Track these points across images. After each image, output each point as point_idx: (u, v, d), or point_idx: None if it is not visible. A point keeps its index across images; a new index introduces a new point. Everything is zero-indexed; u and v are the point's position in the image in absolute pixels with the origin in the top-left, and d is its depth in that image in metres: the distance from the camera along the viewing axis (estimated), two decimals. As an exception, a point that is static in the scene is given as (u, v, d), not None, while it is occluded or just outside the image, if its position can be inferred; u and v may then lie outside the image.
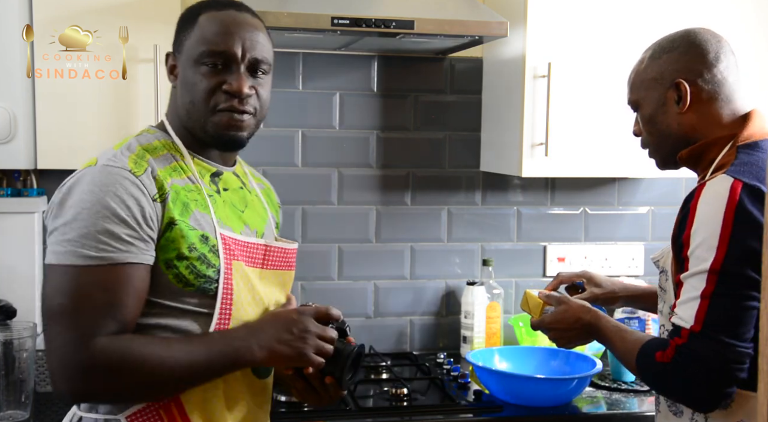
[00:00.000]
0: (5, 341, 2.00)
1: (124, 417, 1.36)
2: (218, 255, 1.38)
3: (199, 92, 1.40)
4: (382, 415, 2.11)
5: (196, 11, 1.45)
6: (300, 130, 2.61)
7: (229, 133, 1.42)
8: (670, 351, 1.46)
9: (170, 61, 1.47)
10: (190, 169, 1.43)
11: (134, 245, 1.30)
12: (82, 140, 2.08)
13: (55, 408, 2.07)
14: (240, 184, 1.54)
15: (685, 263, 1.49)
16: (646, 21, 2.36)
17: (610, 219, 2.83)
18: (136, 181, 1.33)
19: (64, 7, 2.07)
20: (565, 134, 2.36)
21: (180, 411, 1.37)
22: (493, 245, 2.76)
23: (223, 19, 1.42)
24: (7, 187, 2.30)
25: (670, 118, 1.62)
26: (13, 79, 2.05)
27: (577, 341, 1.78)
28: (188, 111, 1.42)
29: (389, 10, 2.16)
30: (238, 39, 1.40)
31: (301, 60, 2.59)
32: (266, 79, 1.47)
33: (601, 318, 1.71)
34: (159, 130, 1.48)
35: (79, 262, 1.28)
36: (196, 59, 1.40)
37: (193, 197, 1.40)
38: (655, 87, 1.63)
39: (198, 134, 1.44)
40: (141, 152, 1.39)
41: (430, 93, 2.70)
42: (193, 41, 1.41)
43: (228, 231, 1.43)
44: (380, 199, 2.68)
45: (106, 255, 1.28)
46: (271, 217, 1.62)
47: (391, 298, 2.70)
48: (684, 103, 1.59)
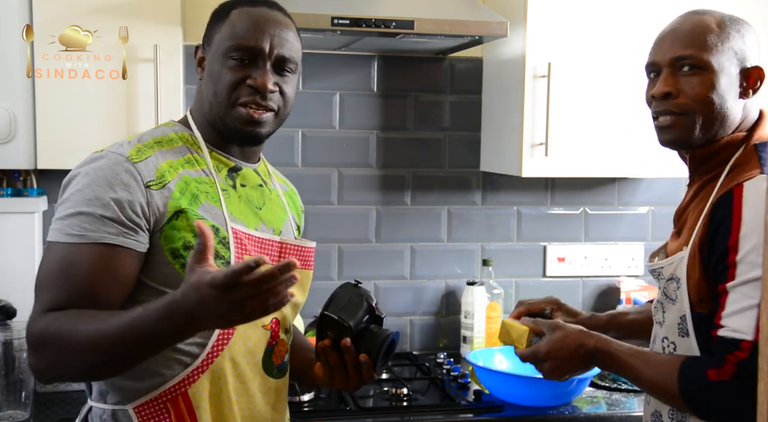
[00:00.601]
0: (5, 341, 2.01)
1: (131, 408, 1.37)
2: (229, 248, 1.39)
3: (223, 84, 1.40)
4: (382, 415, 2.11)
5: (229, 6, 1.47)
6: (300, 130, 2.61)
7: (247, 129, 1.42)
8: (729, 367, 1.32)
9: (199, 53, 1.48)
10: (206, 162, 1.44)
11: (114, 227, 1.31)
12: (82, 140, 2.08)
13: (55, 409, 2.07)
14: (260, 182, 1.54)
15: (730, 270, 1.36)
16: (646, 21, 2.36)
17: (610, 219, 2.83)
18: (131, 168, 1.34)
19: (64, 7, 2.07)
20: (565, 134, 2.36)
21: (187, 404, 1.38)
22: (493, 245, 2.76)
23: (254, 15, 1.42)
24: (7, 187, 2.30)
25: (730, 99, 1.48)
26: (13, 79, 2.05)
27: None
28: (211, 103, 1.43)
29: (389, 10, 2.16)
30: (267, 35, 1.41)
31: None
32: (292, 78, 1.47)
33: (611, 341, 1.54)
34: (179, 124, 1.49)
35: (62, 239, 1.31)
36: (224, 53, 1.41)
37: (205, 189, 1.40)
38: (732, 60, 1.48)
39: (218, 127, 1.45)
40: (151, 143, 1.41)
41: (430, 93, 2.70)
42: (223, 35, 1.42)
43: (240, 226, 1.43)
44: (380, 199, 2.68)
45: (83, 234, 1.30)
46: (291, 218, 1.62)
47: (391, 298, 2.70)
48: (749, 90, 1.49)
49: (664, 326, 1.54)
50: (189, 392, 1.37)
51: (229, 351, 1.40)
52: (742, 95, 1.50)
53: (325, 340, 1.43)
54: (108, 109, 2.12)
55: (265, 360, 1.47)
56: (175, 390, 1.37)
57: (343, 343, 1.41)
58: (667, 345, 1.54)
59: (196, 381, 1.38)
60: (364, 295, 1.47)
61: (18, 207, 2.25)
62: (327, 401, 2.18)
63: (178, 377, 1.37)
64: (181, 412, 1.37)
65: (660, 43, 1.55)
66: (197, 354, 1.38)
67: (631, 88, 2.37)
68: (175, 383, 1.37)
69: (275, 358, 1.49)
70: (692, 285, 1.46)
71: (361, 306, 1.45)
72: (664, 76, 1.52)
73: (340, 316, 1.42)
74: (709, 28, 1.49)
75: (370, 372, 1.44)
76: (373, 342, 1.43)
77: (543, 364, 1.58)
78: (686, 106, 1.48)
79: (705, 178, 1.53)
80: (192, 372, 1.37)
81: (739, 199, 1.38)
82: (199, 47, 1.49)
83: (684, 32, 1.51)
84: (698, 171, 1.55)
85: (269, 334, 1.47)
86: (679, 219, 1.59)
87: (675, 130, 1.51)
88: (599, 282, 2.83)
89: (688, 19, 1.53)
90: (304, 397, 2.15)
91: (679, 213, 1.60)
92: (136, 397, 1.37)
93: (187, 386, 1.38)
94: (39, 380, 1.38)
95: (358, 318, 1.44)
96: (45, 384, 1.43)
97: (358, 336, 1.43)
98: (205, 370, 1.38)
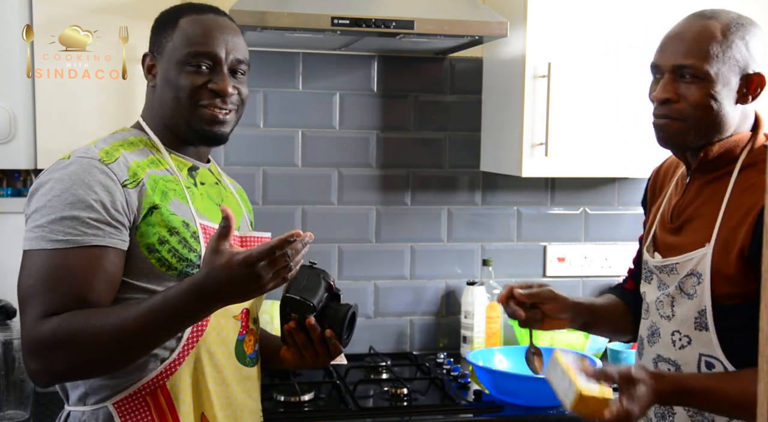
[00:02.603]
0: (5, 341, 2.01)
1: (111, 404, 1.39)
2: (199, 241, 1.43)
3: (184, 90, 1.46)
4: (382, 415, 2.11)
5: (174, 14, 1.52)
6: (300, 130, 2.61)
7: (213, 128, 1.49)
8: None
9: (148, 61, 1.53)
10: (168, 162, 1.48)
11: (101, 229, 1.34)
12: (82, 140, 2.06)
13: (55, 409, 2.06)
14: (215, 180, 1.60)
15: None
16: (646, 21, 2.36)
17: (610, 220, 2.83)
18: (106, 169, 1.38)
19: (64, 7, 2.07)
20: (565, 134, 2.36)
21: (166, 396, 1.40)
22: (493, 245, 2.76)
23: (206, 22, 1.49)
24: (7, 187, 2.30)
25: (728, 105, 1.50)
26: (13, 79, 2.05)
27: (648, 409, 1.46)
28: (171, 108, 1.48)
29: (389, 10, 2.16)
30: (221, 41, 1.47)
31: (301, 60, 2.59)
32: (244, 79, 1.54)
33: (683, 377, 1.48)
34: (134, 129, 1.54)
35: (48, 246, 1.33)
36: (182, 60, 1.47)
37: (172, 187, 1.45)
38: (734, 68, 1.49)
39: (181, 130, 1.50)
40: (116, 146, 1.45)
41: (430, 93, 2.69)
42: (176, 43, 1.48)
43: (206, 221, 1.47)
44: (380, 199, 2.68)
45: (72, 239, 1.32)
46: (245, 214, 1.67)
47: (391, 298, 2.70)
48: (749, 96, 1.51)
49: (674, 320, 1.55)
50: (168, 384, 1.40)
51: (205, 342, 1.44)
52: (741, 101, 1.52)
53: (291, 322, 1.50)
54: (108, 109, 2.12)
55: (238, 350, 1.51)
56: (154, 383, 1.40)
57: (308, 322, 1.49)
58: (679, 339, 1.55)
59: (174, 373, 1.41)
60: (321, 274, 1.54)
61: (18, 207, 2.25)
62: (327, 401, 2.18)
63: (156, 370, 1.40)
64: (161, 405, 1.40)
65: (664, 47, 1.56)
66: (173, 348, 1.40)
67: (631, 88, 2.37)
68: (153, 376, 1.40)
69: (246, 348, 1.53)
70: (718, 280, 1.47)
71: (320, 285, 1.53)
72: (664, 81, 1.53)
73: (302, 296, 1.50)
74: (712, 35, 1.50)
75: (337, 346, 1.51)
76: (335, 317, 1.51)
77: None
78: (684, 112, 1.51)
79: (711, 176, 1.56)
80: (170, 364, 1.40)
81: None
82: (147, 55, 1.53)
83: (687, 39, 1.52)
84: (703, 169, 1.57)
85: (240, 325, 1.51)
86: (680, 215, 1.60)
87: (671, 132, 1.54)
88: (599, 282, 2.83)
89: (694, 24, 1.54)
90: (304, 397, 2.15)
91: (680, 209, 1.60)
92: (116, 394, 1.39)
93: (165, 378, 1.40)
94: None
95: (320, 297, 1.52)
96: (44, 387, 1.43)
97: (321, 314, 1.51)
98: (182, 362, 1.41)
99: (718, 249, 1.48)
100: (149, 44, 1.54)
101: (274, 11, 2.06)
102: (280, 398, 2.13)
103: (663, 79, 1.54)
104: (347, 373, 2.38)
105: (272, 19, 2.05)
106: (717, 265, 1.48)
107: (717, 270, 1.48)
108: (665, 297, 1.58)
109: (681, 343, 1.54)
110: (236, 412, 1.49)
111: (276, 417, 2.06)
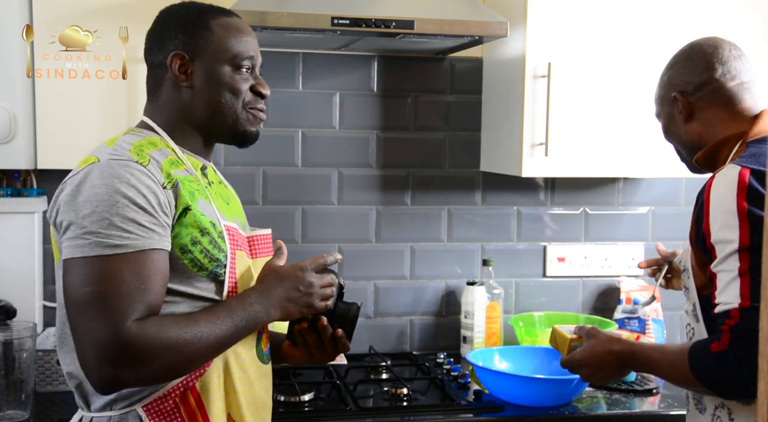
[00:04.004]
0: (5, 341, 2.00)
1: (140, 407, 1.38)
2: (225, 241, 1.44)
3: (235, 91, 1.50)
4: (382, 415, 2.11)
5: (198, 15, 1.50)
6: (300, 130, 2.61)
7: (254, 129, 1.55)
8: (725, 336, 1.43)
9: (178, 61, 1.48)
10: (184, 162, 1.47)
11: (156, 231, 1.33)
12: (82, 140, 2.07)
13: (55, 408, 2.07)
14: (219, 179, 1.61)
15: (712, 253, 1.49)
16: (646, 21, 2.36)
17: (610, 219, 2.83)
18: (145, 170, 1.36)
19: (64, 7, 2.07)
20: (565, 134, 2.35)
21: (196, 398, 1.40)
22: (493, 245, 2.76)
23: (240, 25, 1.53)
24: (7, 187, 2.30)
25: (680, 130, 1.70)
26: (13, 79, 2.05)
27: (612, 376, 1.73)
28: (216, 109, 1.50)
29: (389, 10, 2.16)
30: (254, 44, 1.54)
31: (301, 60, 2.59)
32: None
33: (634, 343, 1.69)
34: (143, 130, 1.51)
35: (106, 252, 1.29)
36: (230, 62, 1.49)
37: (195, 187, 1.44)
38: (663, 103, 1.72)
39: (219, 130, 1.52)
40: (137, 146, 1.42)
41: (430, 93, 2.69)
42: (220, 45, 1.49)
43: (225, 221, 1.48)
44: (380, 199, 2.68)
45: (130, 243, 1.30)
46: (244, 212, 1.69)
47: (391, 298, 2.70)
48: (684, 115, 1.67)
49: (687, 314, 1.69)
50: (197, 385, 1.40)
51: None
52: (687, 120, 1.68)
53: (303, 323, 1.54)
54: (108, 109, 2.12)
55: (258, 348, 1.52)
56: (184, 385, 1.39)
57: (320, 324, 1.53)
58: (689, 331, 1.68)
59: (203, 374, 1.40)
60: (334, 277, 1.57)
61: (18, 207, 2.25)
62: (327, 401, 2.18)
63: None
64: (191, 406, 1.39)
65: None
66: None
67: (631, 88, 2.37)
68: (183, 379, 1.39)
69: (263, 345, 1.55)
70: (695, 273, 1.61)
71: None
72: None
73: None
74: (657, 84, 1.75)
75: (346, 344, 1.56)
76: (345, 318, 1.55)
77: (579, 371, 1.73)
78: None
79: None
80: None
81: (709, 189, 1.51)
82: (178, 55, 1.47)
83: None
84: (712, 171, 1.65)
85: None
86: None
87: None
88: (599, 282, 2.83)
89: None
90: (304, 397, 2.15)
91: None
92: (145, 397, 1.38)
93: (195, 380, 1.40)
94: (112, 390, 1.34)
95: (333, 300, 1.54)
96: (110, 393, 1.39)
97: (330, 313, 1.54)
98: (212, 363, 1.41)
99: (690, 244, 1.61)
100: (173, 44, 1.47)
101: (274, 11, 2.06)
102: (280, 398, 2.13)
103: None
104: (347, 373, 2.38)
105: (272, 19, 2.05)
106: (691, 259, 1.62)
107: (692, 263, 1.62)
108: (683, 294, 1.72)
109: (690, 335, 1.66)
110: (259, 410, 1.52)
111: (276, 417, 2.04)
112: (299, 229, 2.62)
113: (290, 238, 2.58)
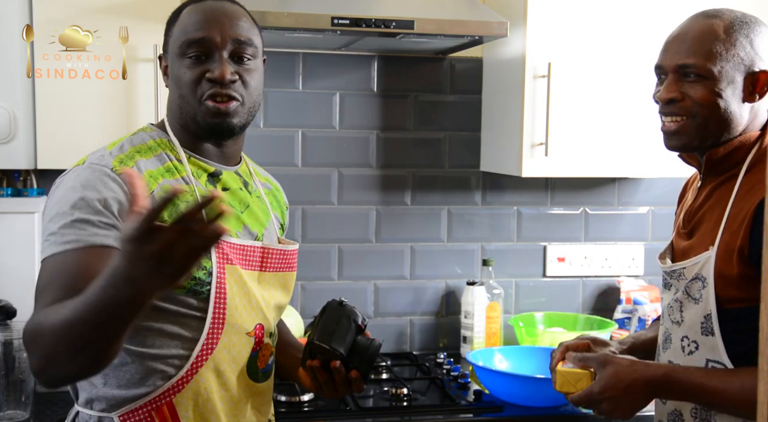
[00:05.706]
0: (5, 341, 2.00)
1: (116, 416, 1.37)
2: (210, 258, 1.38)
3: (185, 84, 1.40)
4: (382, 415, 2.11)
5: (178, 10, 1.47)
6: (300, 130, 2.61)
7: (217, 121, 1.40)
8: None
9: (163, 62, 1.49)
10: (185, 169, 1.43)
11: (110, 231, 1.29)
12: (82, 140, 2.08)
13: (55, 408, 2.07)
14: (241, 185, 1.52)
15: None
16: (646, 21, 2.36)
17: (610, 219, 2.83)
18: (117, 178, 1.33)
19: (64, 7, 2.07)
20: (565, 134, 2.36)
21: (172, 413, 1.38)
22: (493, 245, 2.76)
23: (202, 8, 1.42)
24: (7, 187, 2.30)
25: (735, 103, 1.49)
26: (13, 79, 2.05)
27: (640, 407, 1.48)
28: (180, 106, 1.43)
29: (389, 10, 2.16)
30: (216, 25, 1.39)
31: (301, 60, 2.59)
32: (253, 64, 1.43)
33: (669, 366, 1.50)
34: (157, 129, 1.48)
35: (58, 249, 1.28)
36: (179, 53, 1.41)
37: (184, 198, 1.37)
38: (738, 66, 1.49)
39: (191, 128, 1.44)
40: (131, 153, 1.40)
41: (430, 93, 2.69)
42: (175, 36, 1.43)
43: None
44: (380, 198, 2.68)
45: (79, 239, 1.27)
46: (274, 219, 1.61)
47: (391, 298, 2.70)
48: (756, 95, 1.50)
49: (683, 325, 1.55)
50: (174, 401, 1.38)
51: (213, 361, 1.40)
52: (748, 99, 1.50)
53: (315, 361, 1.44)
54: (108, 109, 2.12)
55: (250, 366, 1.46)
56: (159, 400, 1.38)
57: (333, 365, 1.43)
58: (687, 345, 1.53)
59: (180, 391, 1.38)
60: (351, 316, 1.47)
61: (18, 207, 2.25)
62: (327, 401, 2.18)
63: (161, 388, 1.37)
64: (166, 420, 1.38)
65: (667, 47, 1.56)
66: (180, 366, 1.38)
67: (631, 87, 2.37)
68: (159, 393, 1.37)
69: (260, 363, 1.49)
70: (722, 283, 1.46)
71: (350, 329, 1.45)
72: (668, 81, 1.53)
73: (331, 346, 1.43)
74: (715, 34, 1.49)
75: (361, 387, 1.46)
76: (361, 359, 1.44)
77: (600, 406, 1.49)
78: (691, 109, 1.50)
79: (719, 179, 1.55)
80: (175, 383, 1.38)
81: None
82: (161, 57, 1.49)
83: (690, 39, 1.52)
84: (712, 172, 1.56)
85: (253, 341, 1.46)
86: (691, 220, 1.59)
87: (681, 135, 1.53)
88: (599, 282, 2.83)
89: (696, 24, 1.54)
90: (304, 397, 2.15)
91: (690, 214, 1.60)
92: (121, 405, 1.37)
93: (171, 396, 1.38)
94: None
95: (348, 343, 1.44)
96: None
97: (347, 356, 1.44)
98: (189, 380, 1.38)
99: (721, 253, 1.47)
100: (162, 46, 1.49)
101: (274, 11, 2.06)
102: (280, 398, 2.13)
103: (667, 80, 1.54)
104: (347, 373, 2.38)
105: (272, 19, 2.05)
106: (720, 269, 1.46)
107: (720, 273, 1.46)
108: (675, 303, 1.57)
109: (689, 349, 1.53)
110: None
111: (276, 417, 2.05)
112: (299, 229, 2.61)
113: (290, 238, 2.57)
